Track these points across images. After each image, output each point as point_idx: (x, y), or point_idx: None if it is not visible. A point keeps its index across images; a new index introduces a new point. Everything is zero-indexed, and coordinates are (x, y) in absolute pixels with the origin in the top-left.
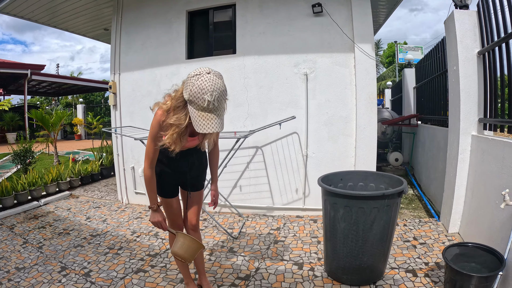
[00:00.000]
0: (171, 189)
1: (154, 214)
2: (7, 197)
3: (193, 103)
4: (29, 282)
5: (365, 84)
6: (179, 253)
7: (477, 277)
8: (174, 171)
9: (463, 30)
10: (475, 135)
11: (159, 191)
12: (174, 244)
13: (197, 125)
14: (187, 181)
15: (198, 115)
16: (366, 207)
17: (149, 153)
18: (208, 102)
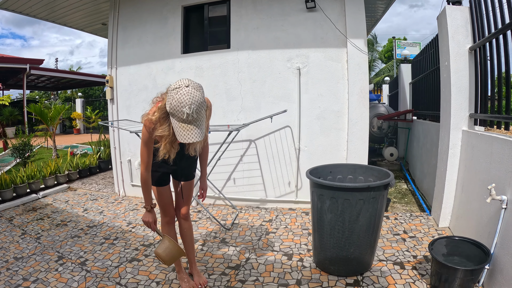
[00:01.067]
0: (162, 178)
1: (146, 214)
2: (6, 190)
3: (174, 115)
4: (27, 271)
5: (357, 78)
6: (161, 256)
7: (463, 270)
8: (165, 162)
9: (455, 26)
10: (466, 130)
11: (153, 180)
12: (159, 245)
13: (179, 135)
14: (178, 171)
15: (179, 126)
16: (352, 198)
17: (143, 157)
18: (187, 115)
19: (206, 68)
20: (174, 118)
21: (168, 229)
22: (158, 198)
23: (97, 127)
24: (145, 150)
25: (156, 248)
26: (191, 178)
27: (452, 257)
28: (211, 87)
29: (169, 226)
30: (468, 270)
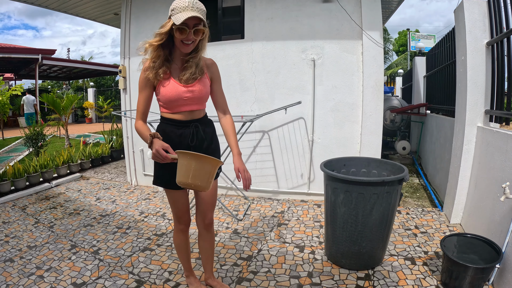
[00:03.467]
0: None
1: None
2: (19, 179)
3: (175, 9)
4: (40, 259)
5: (373, 71)
6: (187, 181)
7: (474, 268)
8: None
9: (472, 20)
10: (481, 126)
11: (162, 181)
12: (178, 171)
13: (177, 19)
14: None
15: (179, 15)
16: (366, 193)
17: (138, 106)
18: (188, 3)
19: (220, 58)
20: (175, 12)
21: (180, 239)
22: (172, 204)
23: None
24: (140, 97)
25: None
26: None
27: (463, 254)
28: (224, 77)
29: (183, 234)
30: (479, 268)
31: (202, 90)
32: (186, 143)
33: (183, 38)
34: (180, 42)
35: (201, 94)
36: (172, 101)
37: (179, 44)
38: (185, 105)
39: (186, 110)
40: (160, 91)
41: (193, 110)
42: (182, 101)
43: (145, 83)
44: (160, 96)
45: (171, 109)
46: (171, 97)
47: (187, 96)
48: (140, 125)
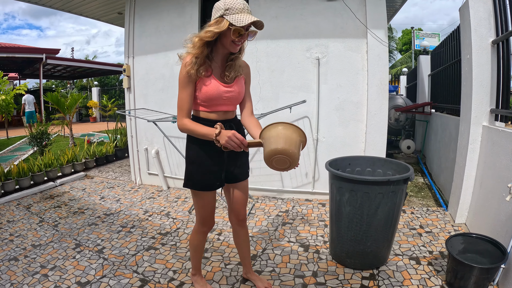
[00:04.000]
0: (212, 180)
1: (222, 136)
2: (24, 178)
3: (230, 9)
4: (44, 258)
5: (377, 70)
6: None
7: (479, 268)
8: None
9: (477, 18)
10: (486, 125)
11: (191, 182)
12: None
13: (239, 21)
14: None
15: (237, 16)
16: (371, 192)
17: (181, 104)
18: (243, 5)
19: None
20: (230, 13)
21: (200, 240)
22: (200, 207)
23: (113, 115)
24: (183, 94)
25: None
26: (247, 176)
27: (468, 254)
28: None
29: (203, 236)
30: (484, 269)
31: (240, 91)
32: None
33: (237, 39)
34: (230, 42)
35: (239, 95)
36: (211, 99)
37: (229, 44)
38: (223, 105)
39: (222, 110)
40: (201, 88)
41: (228, 111)
42: (221, 100)
43: (188, 79)
44: (200, 93)
45: (209, 107)
46: (212, 95)
47: (226, 96)
48: (191, 123)
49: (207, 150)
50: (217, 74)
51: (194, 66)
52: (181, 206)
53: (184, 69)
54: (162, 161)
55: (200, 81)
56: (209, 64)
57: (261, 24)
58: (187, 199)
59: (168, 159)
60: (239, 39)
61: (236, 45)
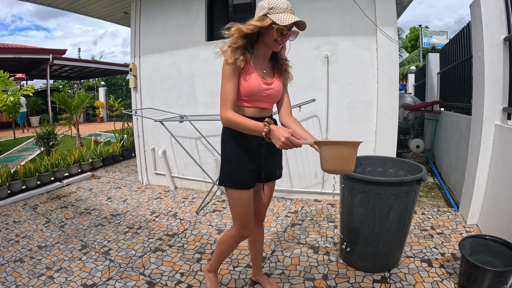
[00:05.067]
0: (249, 177)
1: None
2: (30, 178)
3: (273, 8)
4: (50, 259)
5: (387, 68)
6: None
7: (492, 271)
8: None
9: (489, 15)
10: (499, 124)
11: (227, 180)
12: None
13: (281, 20)
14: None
15: (280, 16)
16: (383, 193)
17: (225, 95)
18: (287, 5)
19: None
20: (273, 12)
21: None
22: (238, 208)
23: (120, 115)
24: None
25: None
26: (280, 175)
27: (481, 256)
28: None
29: (238, 242)
30: (498, 272)
31: (279, 89)
32: (257, 141)
33: (279, 38)
34: (273, 41)
35: (278, 93)
36: (252, 95)
37: (271, 43)
38: (261, 102)
39: (260, 106)
40: (241, 82)
41: (265, 108)
42: (260, 97)
43: (230, 70)
44: (241, 87)
45: (248, 102)
46: (253, 89)
47: (266, 93)
48: (237, 116)
49: (244, 146)
50: (258, 71)
51: (232, 55)
52: (188, 206)
53: (228, 60)
54: (169, 161)
55: (243, 74)
56: (249, 57)
57: (303, 25)
58: (195, 200)
59: (176, 159)
60: (281, 38)
61: (278, 44)
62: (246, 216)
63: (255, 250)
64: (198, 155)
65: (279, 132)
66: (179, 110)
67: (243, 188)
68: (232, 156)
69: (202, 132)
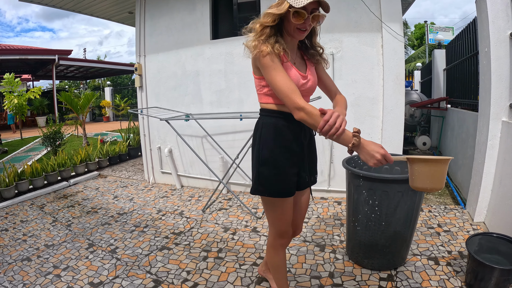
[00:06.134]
0: (292, 183)
1: (367, 151)
2: (37, 178)
3: None
4: (57, 258)
5: (393, 64)
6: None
7: (500, 269)
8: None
9: (495, 10)
10: (506, 121)
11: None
12: (415, 177)
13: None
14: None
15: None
16: (390, 190)
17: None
18: None
19: (237, 54)
20: None
21: (281, 256)
22: (277, 217)
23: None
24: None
25: (411, 181)
26: (315, 181)
27: (488, 254)
28: (242, 73)
29: (284, 250)
30: (505, 270)
31: (315, 80)
32: (300, 140)
33: (300, 24)
34: (294, 28)
35: (314, 84)
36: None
37: (293, 31)
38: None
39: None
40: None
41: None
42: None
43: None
44: None
45: None
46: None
47: (304, 87)
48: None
49: (286, 147)
50: (292, 63)
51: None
52: (194, 205)
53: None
54: (176, 159)
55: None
56: (284, 45)
57: (326, 5)
58: (201, 198)
59: (182, 157)
60: (302, 24)
61: (301, 32)
62: (284, 225)
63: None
64: (204, 154)
65: (373, 149)
66: (184, 108)
67: (285, 196)
68: (272, 159)
69: (208, 130)
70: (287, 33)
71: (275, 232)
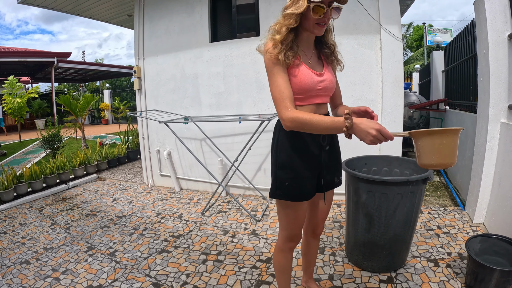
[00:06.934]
0: (303, 185)
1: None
2: (36, 181)
3: None
4: (56, 261)
5: (392, 66)
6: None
7: (500, 270)
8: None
9: (493, 11)
10: (505, 122)
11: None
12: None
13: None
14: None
15: None
16: (389, 193)
17: (280, 93)
18: None
19: (235, 56)
20: None
21: (287, 259)
22: (290, 221)
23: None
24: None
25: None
26: (340, 183)
27: (488, 256)
28: (241, 76)
29: (291, 252)
30: (505, 271)
31: (332, 79)
32: (318, 142)
33: (319, 19)
34: (314, 24)
35: (332, 83)
36: (307, 90)
37: (312, 26)
38: (317, 96)
39: (316, 102)
40: (290, 79)
41: (321, 103)
42: (315, 91)
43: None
44: (293, 84)
45: (303, 100)
46: (307, 85)
47: (320, 86)
48: (306, 114)
49: (304, 150)
50: (305, 62)
51: (280, 50)
52: (194, 208)
53: (268, 55)
54: (174, 162)
55: (290, 69)
56: (297, 50)
57: None
58: (200, 201)
59: (181, 160)
60: (321, 18)
61: (320, 27)
62: (296, 229)
63: (308, 261)
64: (203, 156)
65: (367, 125)
66: (183, 111)
67: (301, 200)
68: (289, 162)
69: (207, 133)
70: (305, 29)
71: (286, 235)
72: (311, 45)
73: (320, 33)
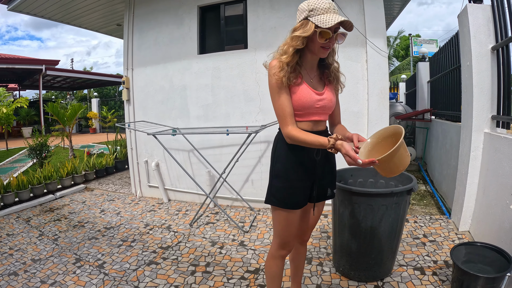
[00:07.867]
0: (301, 196)
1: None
2: (23, 191)
3: (314, 10)
4: (44, 273)
5: (377, 79)
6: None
7: (484, 277)
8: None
9: (476, 24)
10: (488, 132)
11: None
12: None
13: (324, 22)
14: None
15: (322, 17)
16: (374, 204)
17: (282, 110)
18: (329, 4)
19: (224, 68)
20: (315, 13)
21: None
22: (282, 228)
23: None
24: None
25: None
26: (333, 195)
27: (473, 263)
28: (229, 88)
29: (283, 260)
30: (490, 278)
31: (332, 98)
32: (312, 157)
33: (324, 43)
34: (319, 47)
35: (331, 103)
36: (305, 108)
37: (317, 49)
38: (315, 114)
39: (314, 119)
40: (293, 96)
41: (319, 120)
42: (314, 109)
43: (280, 86)
44: (292, 101)
45: (302, 116)
46: (305, 102)
47: (319, 104)
48: (301, 133)
49: (298, 161)
50: (307, 81)
51: (285, 73)
52: (182, 219)
53: (274, 76)
54: (163, 173)
55: (292, 88)
56: (299, 70)
57: (350, 24)
58: (188, 212)
59: (169, 171)
60: (327, 43)
61: (325, 50)
62: (289, 236)
63: (296, 267)
64: (191, 168)
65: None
66: (171, 122)
67: (293, 208)
68: (284, 172)
69: (194, 144)
70: (310, 51)
71: (278, 243)
72: (315, 66)
73: (324, 55)
